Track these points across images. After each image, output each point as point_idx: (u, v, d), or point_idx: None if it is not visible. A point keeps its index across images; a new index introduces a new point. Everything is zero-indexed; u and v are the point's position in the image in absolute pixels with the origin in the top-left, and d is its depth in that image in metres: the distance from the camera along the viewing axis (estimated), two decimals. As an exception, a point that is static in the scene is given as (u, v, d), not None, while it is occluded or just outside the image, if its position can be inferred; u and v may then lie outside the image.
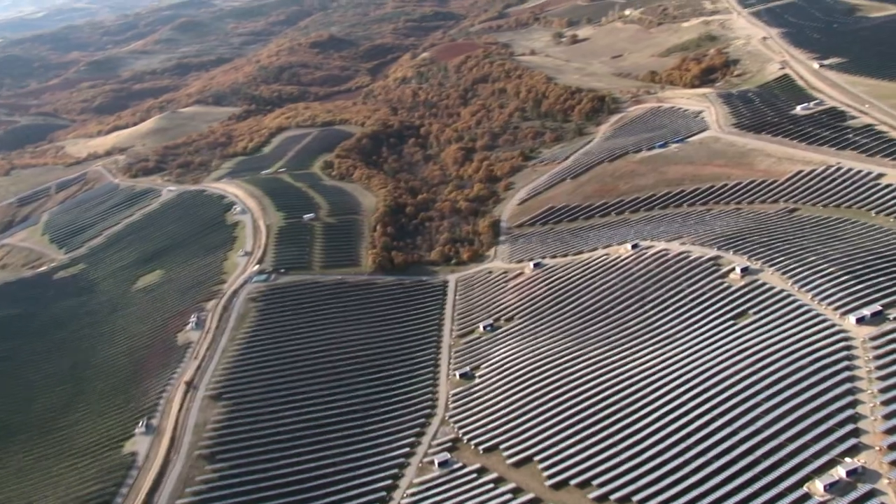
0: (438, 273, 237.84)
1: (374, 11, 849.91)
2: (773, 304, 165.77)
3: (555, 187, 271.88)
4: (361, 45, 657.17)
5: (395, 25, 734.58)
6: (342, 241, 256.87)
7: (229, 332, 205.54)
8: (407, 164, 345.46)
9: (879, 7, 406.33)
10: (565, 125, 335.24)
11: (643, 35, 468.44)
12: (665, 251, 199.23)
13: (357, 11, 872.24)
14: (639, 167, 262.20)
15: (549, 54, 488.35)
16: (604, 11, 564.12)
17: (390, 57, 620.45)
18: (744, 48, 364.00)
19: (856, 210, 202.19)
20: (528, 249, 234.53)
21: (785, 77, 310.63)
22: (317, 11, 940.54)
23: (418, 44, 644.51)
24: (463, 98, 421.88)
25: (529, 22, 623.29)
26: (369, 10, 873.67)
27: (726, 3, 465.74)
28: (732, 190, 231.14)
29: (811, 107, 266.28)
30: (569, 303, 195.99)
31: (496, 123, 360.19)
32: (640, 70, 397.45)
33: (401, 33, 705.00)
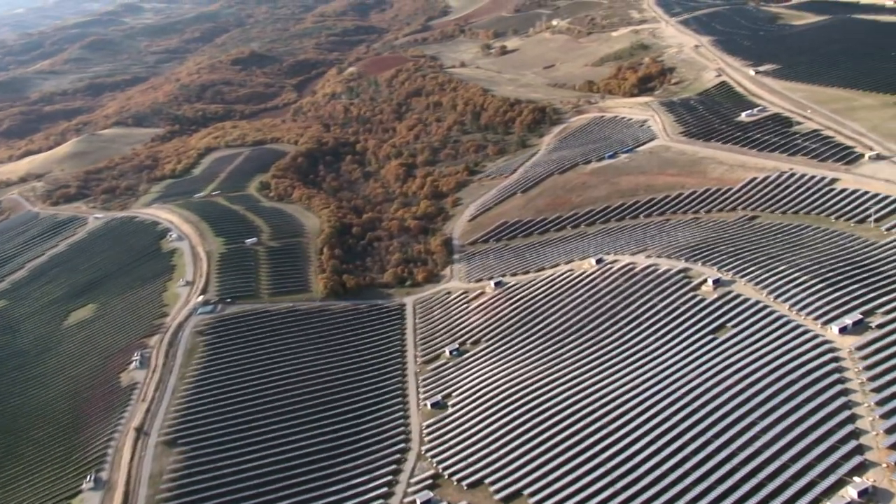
0: (394, 295, 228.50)
1: (293, 26, 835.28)
2: (751, 316, 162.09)
3: (505, 202, 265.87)
4: (285, 61, 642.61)
5: (317, 40, 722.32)
6: (289, 266, 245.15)
7: (178, 369, 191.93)
8: (346, 182, 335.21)
9: (799, 15, 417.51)
10: (507, 137, 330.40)
11: (573, 45, 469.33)
12: (631, 265, 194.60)
13: (276, 27, 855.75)
14: (590, 179, 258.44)
15: (480, 66, 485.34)
16: (530, 23, 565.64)
17: (315, 72, 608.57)
18: (678, 56, 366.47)
19: (815, 216, 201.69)
20: (486, 267, 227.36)
21: (723, 84, 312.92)
22: (233, 28, 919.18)
23: (343, 58, 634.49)
24: (397, 112, 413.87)
25: (455, 34, 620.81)
26: (289, 25, 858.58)
27: (653, 12, 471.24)
28: (688, 199, 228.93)
29: (755, 113, 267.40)
30: (537, 322, 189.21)
31: (435, 137, 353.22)
32: (575, 80, 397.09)
33: (324, 48, 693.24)
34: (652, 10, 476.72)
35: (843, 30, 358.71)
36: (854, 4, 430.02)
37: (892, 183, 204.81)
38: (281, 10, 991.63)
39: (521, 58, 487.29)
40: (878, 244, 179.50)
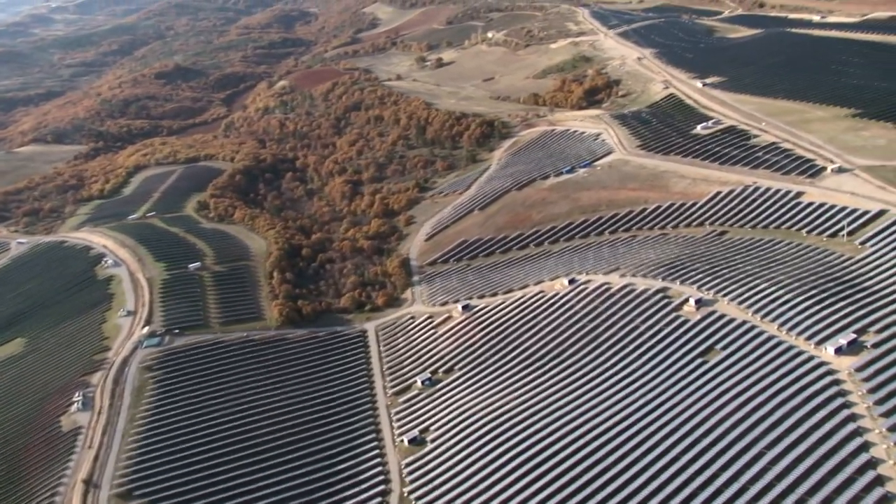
0: (353, 321, 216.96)
1: (218, 39, 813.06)
2: (740, 337, 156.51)
3: (463, 220, 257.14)
4: (211, 75, 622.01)
5: (243, 53, 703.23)
6: (238, 292, 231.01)
7: (127, 410, 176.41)
8: (289, 200, 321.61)
9: (733, 29, 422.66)
10: (455, 152, 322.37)
11: (511, 57, 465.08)
12: (606, 285, 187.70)
13: (199, 39, 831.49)
14: (550, 194, 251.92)
15: (417, 79, 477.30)
16: (463, 35, 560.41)
17: (243, 86, 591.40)
18: (622, 68, 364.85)
19: (785, 231, 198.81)
20: (450, 290, 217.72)
21: (672, 96, 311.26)
22: (153, 40, 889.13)
23: (271, 71, 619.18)
24: (336, 127, 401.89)
25: (387, 47, 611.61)
26: (212, 37, 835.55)
27: (590, 24, 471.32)
28: (653, 214, 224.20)
29: (710, 126, 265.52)
30: (512, 348, 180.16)
31: (380, 153, 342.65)
32: (517, 92, 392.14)
33: (251, 61, 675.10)
34: (588, 23, 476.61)
35: (781, 43, 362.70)
36: (782, 19, 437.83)
37: (857, 196, 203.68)
38: (202, 22, 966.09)
39: (459, 70, 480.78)
40: (854, 259, 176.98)
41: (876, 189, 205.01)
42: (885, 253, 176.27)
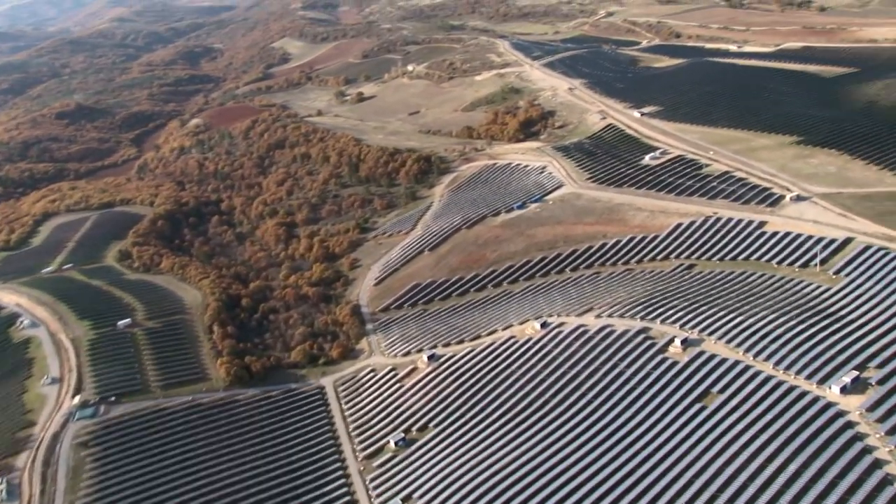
0: (307, 377, 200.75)
1: (119, 77, 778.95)
2: (736, 379, 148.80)
3: (413, 262, 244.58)
4: (117, 114, 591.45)
5: (149, 90, 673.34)
6: (177, 351, 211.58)
7: (63, 497, 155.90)
8: (218, 246, 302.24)
9: (656, 59, 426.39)
10: (393, 190, 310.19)
11: (436, 90, 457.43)
12: (583, 327, 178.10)
13: (100, 77, 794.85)
14: (503, 232, 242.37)
15: (339, 114, 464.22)
16: (381, 68, 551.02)
17: (152, 125, 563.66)
18: (554, 99, 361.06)
19: (755, 262, 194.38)
20: (410, 338, 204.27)
21: (611, 127, 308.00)
22: (48, 78, 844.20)
23: (181, 109, 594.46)
24: (260, 166, 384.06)
25: (302, 81, 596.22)
26: (113, 75, 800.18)
27: (513, 56, 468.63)
28: (614, 249, 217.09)
29: (658, 156, 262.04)
30: (489, 401, 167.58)
31: (312, 192, 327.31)
32: (446, 126, 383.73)
33: (158, 99, 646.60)
34: (511, 54, 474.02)
35: (708, 72, 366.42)
36: (700, 49, 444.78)
37: (820, 224, 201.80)
38: (100, 59, 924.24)
39: (381, 104, 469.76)
40: (833, 290, 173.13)
41: (837, 217, 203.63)
42: (861, 282, 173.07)
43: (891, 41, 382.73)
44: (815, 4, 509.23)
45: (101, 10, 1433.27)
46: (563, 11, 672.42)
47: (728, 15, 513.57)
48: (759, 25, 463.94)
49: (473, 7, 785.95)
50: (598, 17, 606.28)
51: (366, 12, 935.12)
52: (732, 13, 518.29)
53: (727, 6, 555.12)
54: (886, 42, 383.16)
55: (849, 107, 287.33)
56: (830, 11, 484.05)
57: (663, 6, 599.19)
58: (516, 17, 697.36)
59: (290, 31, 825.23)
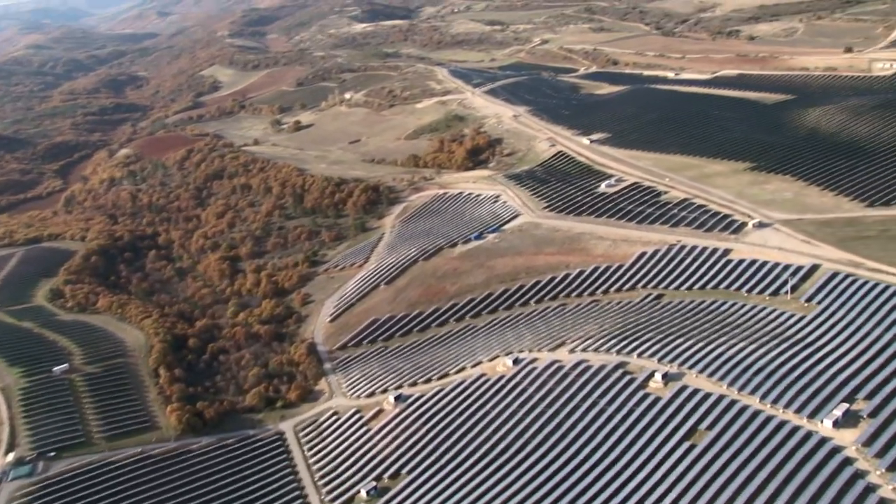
0: (264, 422, 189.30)
1: (39, 105, 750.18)
2: (722, 415, 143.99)
3: (369, 296, 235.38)
4: (39, 144, 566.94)
5: (73, 120, 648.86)
6: (121, 398, 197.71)
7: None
8: (158, 282, 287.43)
9: (596, 85, 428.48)
10: (341, 221, 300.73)
11: (376, 118, 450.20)
12: (557, 363, 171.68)
13: (17, 106, 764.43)
14: (462, 264, 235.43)
15: (276, 143, 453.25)
16: (317, 96, 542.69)
17: (78, 155, 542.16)
18: (500, 127, 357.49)
19: (724, 291, 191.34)
20: (373, 378, 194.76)
21: (561, 154, 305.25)
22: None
23: (107, 139, 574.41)
24: (198, 198, 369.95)
25: (234, 110, 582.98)
26: (32, 103, 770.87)
27: (453, 83, 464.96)
28: (578, 280, 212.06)
29: (614, 183, 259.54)
30: (465, 444, 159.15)
31: (255, 225, 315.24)
32: (390, 154, 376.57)
33: (83, 128, 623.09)
34: (451, 81, 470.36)
35: (650, 98, 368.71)
36: (638, 76, 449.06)
37: (785, 251, 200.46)
38: (17, 87, 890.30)
39: (320, 133, 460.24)
40: (807, 318, 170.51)
41: (801, 243, 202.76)
42: (835, 310, 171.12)
43: (821, 69, 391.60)
44: (743, 34, 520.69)
45: (15, 37, 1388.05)
46: (497, 39, 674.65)
47: (662, 43, 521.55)
48: (694, 53, 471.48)
49: (406, 35, 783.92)
50: (534, 44, 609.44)
51: (295, 40, 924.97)
52: (666, 41, 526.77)
53: (660, 35, 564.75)
54: (817, 70, 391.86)
55: (793, 133, 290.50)
56: (759, 41, 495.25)
57: (597, 34, 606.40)
58: (450, 44, 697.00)
59: (219, 58, 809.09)
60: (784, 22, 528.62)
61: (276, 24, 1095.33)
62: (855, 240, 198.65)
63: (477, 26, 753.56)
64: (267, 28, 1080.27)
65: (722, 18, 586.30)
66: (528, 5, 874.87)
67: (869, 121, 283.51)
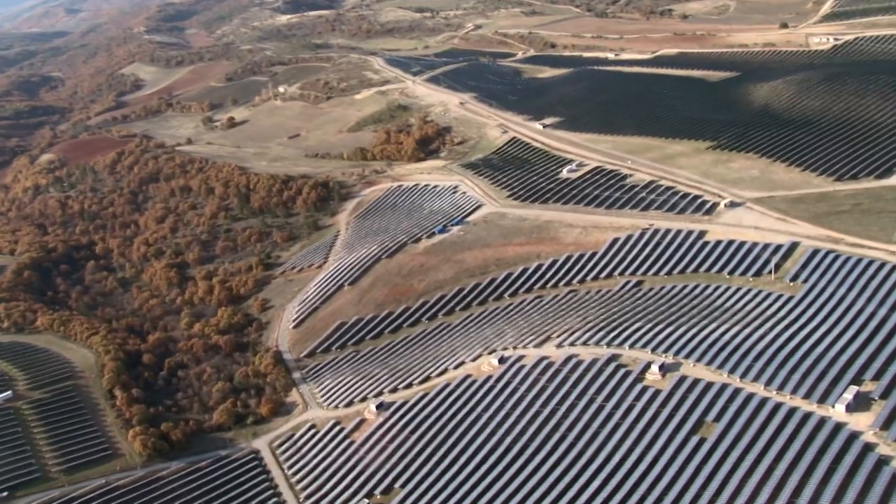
0: (237, 441, 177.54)
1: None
2: (728, 404, 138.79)
3: (333, 298, 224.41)
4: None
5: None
6: (76, 425, 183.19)
7: None
8: (100, 295, 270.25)
9: (538, 69, 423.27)
10: (291, 220, 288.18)
11: (314, 111, 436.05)
12: (546, 360, 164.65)
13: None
14: (428, 259, 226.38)
15: (211, 141, 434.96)
16: (249, 91, 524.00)
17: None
18: (447, 115, 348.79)
19: (706, 275, 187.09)
20: (350, 386, 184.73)
21: (515, 141, 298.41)
22: None
23: (27, 144, 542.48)
24: (134, 203, 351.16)
25: (162, 109, 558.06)
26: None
27: (391, 72, 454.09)
28: (552, 270, 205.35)
29: (576, 168, 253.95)
30: (460, 451, 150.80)
31: (200, 229, 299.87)
32: (333, 148, 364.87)
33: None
34: (388, 70, 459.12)
35: (596, 80, 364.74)
36: (578, 58, 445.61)
37: (761, 230, 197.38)
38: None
39: (256, 129, 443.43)
40: (795, 299, 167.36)
41: (776, 221, 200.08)
42: (822, 288, 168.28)
43: (760, 45, 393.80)
44: (676, 13, 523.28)
45: None
46: (428, 26, 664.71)
47: (597, 24, 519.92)
48: (631, 33, 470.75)
49: (333, 25, 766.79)
50: (467, 30, 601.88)
51: (217, 34, 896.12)
52: (601, 23, 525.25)
53: (593, 16, 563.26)
54: (756, 46, 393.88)
55: (747, 110, 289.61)
56: (693, 19, 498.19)
57: (530, 18, 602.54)
58: (380, 33, 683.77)
59: (139, 55, 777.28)
60: (714, 0, 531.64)
61: (194, 19, 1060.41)
62: (829, 215, 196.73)
63: (406, 14, 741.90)
64: (185, 23, 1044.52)
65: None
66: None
67: (819, 95, 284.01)
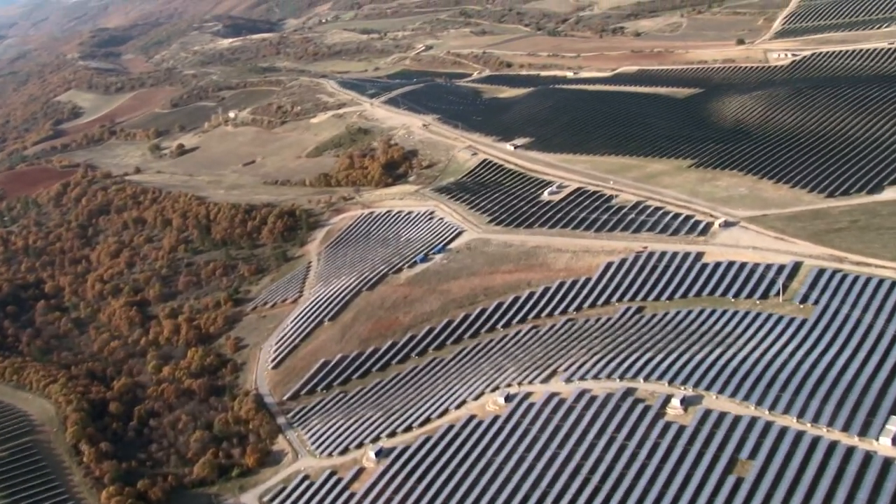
0: (223, 496, 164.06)
1: None
2: (762, 440, 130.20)
3: (313, 335, 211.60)
4: None
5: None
6: (38, 487, 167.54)
7: None
8: (54, 338, 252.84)
9: (497, 89, 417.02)
10: (258, 251, 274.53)
11: (268, 136, 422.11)
12: (556, 396, 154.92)
13: None
14: (411, 290, 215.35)
15: (161, 170, 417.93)
16: (197, 117, 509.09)
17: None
18: (411, 138, 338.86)
19: (709, 298, 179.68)
20: (342, 431, 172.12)
21: (487, 163, 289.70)
22: None
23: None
24: (83, 237, 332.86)
25: (104, 137, 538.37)
26: None
27: (346, 95, 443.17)
28: (546, 299, 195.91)
29: (557, 190, 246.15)
30: (475, 500, 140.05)
31: (159, 263, 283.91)
32: (293, 174, 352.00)
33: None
34: (343, 93, 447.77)
35: (560, 99, 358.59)
36: (536, 77, 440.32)
37: (760, 250, 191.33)
38: None
39: (208, 156, 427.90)
40: (810, 322, 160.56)
41: (775, 241, 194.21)
42: (835, 310, 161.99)
43: (720, 61, 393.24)
44: (628, 30, 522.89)
45: None
46: (376, 47, 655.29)
47: (552, 43, 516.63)
48: (588, 51, 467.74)
49: (277, 48, 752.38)
50: (417, 50, 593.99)
51: (156, 59, 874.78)
52: (556, 41, 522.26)
53: (545, 35, 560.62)
54: (716, 62, 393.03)
55: (720, 126, 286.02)
56: (647, 36, 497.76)
57: (480, 37, 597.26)
58: (327, 55, 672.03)
59: (75, 82, 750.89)
60: (665, 17, 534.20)
61: (130, 44, 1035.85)
62: (828, 233, 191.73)
63: (352, 35, 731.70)
64: (121, 48, 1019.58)
65: (602, 16, 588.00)
66: (397, 13, 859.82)
67: (791, 110, 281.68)
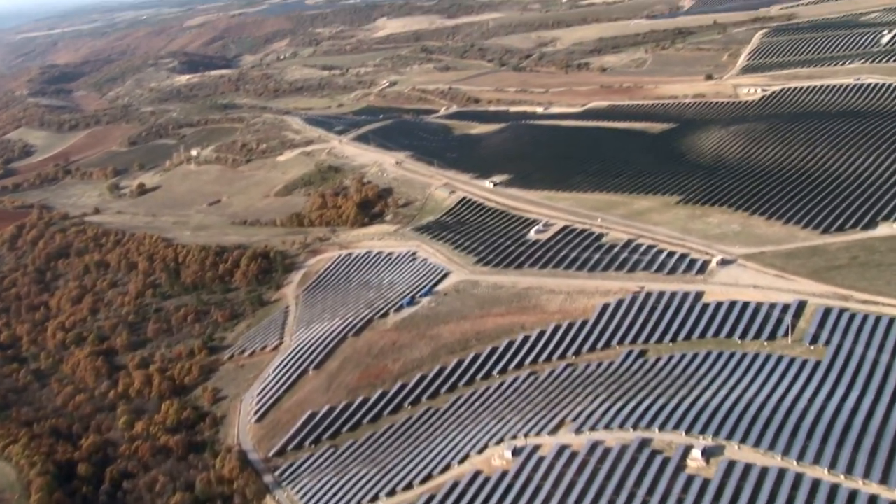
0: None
1: None
2: (795, 494, 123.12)
3: (298, 385, 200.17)
4: None
5: None
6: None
7: None
8: (12, 392, 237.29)
9: (468, 125, 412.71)
10: (230, 296, 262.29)
11: (233, 175, 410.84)
12: (567, 448, 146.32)
13: None
14: (400, 336, 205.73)
15: (121, 210, 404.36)
16: (157, 155, 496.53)
17: None
18: (385, 176, 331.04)
19: (714, 340, 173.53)
20: (336, 490, 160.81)
21: (466, 201, 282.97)
22: None
23: None
24: (41, 282, 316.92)
25: (59, 176, 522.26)
26: None
27: (314, 132, 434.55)
28: (542, 343, 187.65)
29: (543, 229, 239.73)
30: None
31: (125, 309, 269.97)
32: (262, 214, 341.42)
33: None
34: (310, 130, 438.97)
35: (534, 134, 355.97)
36: (505, 113, 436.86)
37: (761, 288, 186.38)
38: None
39: (170, 195, 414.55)
40: (824, 364, 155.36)
41: (776, 279, 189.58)
42: (849, 351, 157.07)
43: (690, 97, 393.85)
44: (594, 66, 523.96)
45: None
46: (339, 83, 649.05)
47: (519, 78, 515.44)
48: (556, 87, 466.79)
49: (237, 85, 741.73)
50: (382, 86, 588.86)
51: (110, 96, 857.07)
52: (523, 77, 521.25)
53: (510, 70, 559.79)
54: (686, 98, 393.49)
55: (700, 161, 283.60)
56: (612, 71, 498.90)
57: (444, 73, 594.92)
58: (289, 91, 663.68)
59: (25, 120, 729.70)
60: (629, 53, 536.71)
61: (82, 81, 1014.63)
62: (829, 270, 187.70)
63: (313, 72, 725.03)
64: (72, 85, 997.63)
65: (565, 52, 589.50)
66: (357, 49, 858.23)
67: (771, 145, 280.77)
